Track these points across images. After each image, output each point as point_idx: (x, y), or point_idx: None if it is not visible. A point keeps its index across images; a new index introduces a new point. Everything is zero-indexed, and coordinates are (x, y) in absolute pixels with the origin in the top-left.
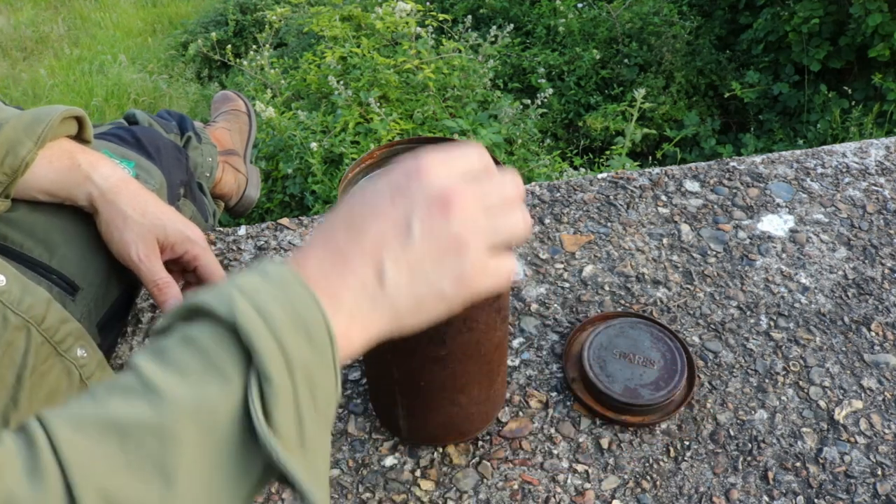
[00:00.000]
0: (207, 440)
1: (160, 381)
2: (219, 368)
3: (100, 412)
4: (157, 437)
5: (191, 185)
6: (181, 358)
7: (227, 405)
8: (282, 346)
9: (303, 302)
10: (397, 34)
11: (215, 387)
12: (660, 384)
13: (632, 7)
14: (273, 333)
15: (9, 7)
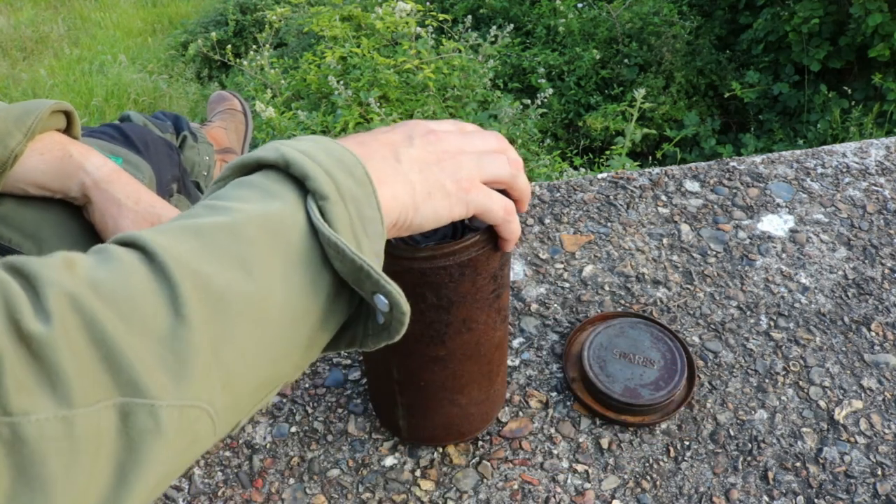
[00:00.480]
0: (277, 243)
1: (225, 204)
2: (277, 195)
3: (173, 224)
4: (230, 235)
5: (185, 181)
6: (240, 193)
7: (290, 218)
8: (330, 174)
9: (340, 151)
10: (397, 34)
11: (277, 204)
12: (660, 384)
13: (632, 7)
14: (320, 164)
15: (9, 7)
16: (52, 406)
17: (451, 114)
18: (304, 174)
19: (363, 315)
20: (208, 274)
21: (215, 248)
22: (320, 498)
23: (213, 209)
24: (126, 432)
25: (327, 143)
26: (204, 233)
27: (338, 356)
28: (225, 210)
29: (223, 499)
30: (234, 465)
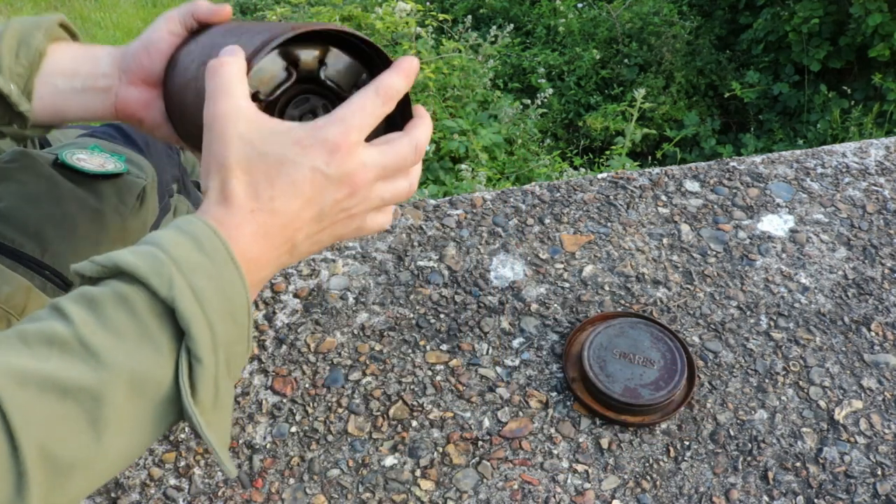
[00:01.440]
0: (137, 403)
1: (98, 345)
2: (154, 340)
3: (42, 369)
4: (93, 399)
5: (184, 181)
6: (117, 319)
7: (157, 375)
8: (213, 330)
9: (233, 286)
10: (397, 34)
11: (149, 357)
12: (660, 384)
13: (632, 7)
14: (207, 319)
15: (9, 7)
16: None
17: (452, 114)
18: (187, 331)
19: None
20: (55, 447)
21: (72, 414)
22: (320, 498)
23: (86, 350)
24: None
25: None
26: (67, 395)
27: (338, 356)
28: (97, 360)
29: (223, 499)
30: (234, 465)
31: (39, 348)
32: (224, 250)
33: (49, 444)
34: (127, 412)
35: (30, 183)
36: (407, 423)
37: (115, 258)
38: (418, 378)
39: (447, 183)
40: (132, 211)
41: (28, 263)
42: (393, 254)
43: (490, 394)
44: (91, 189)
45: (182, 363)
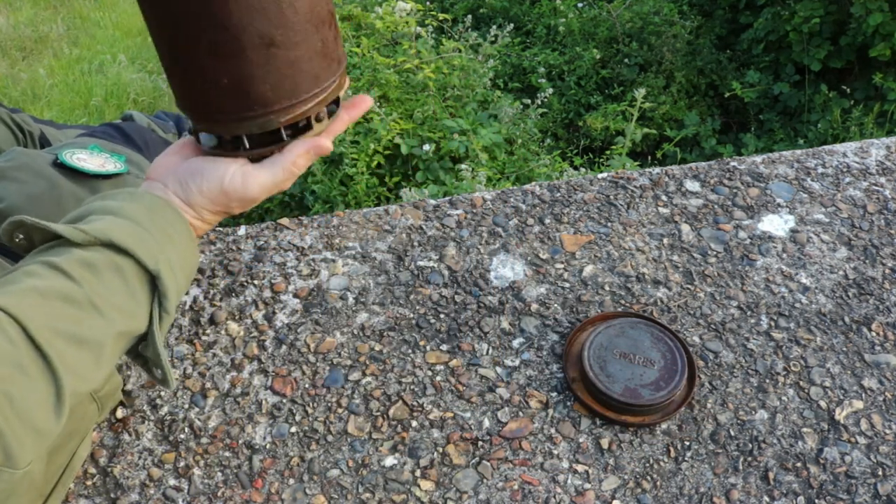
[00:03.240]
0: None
1: (102, 304)
2: (137, 298)
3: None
4: (99, 346)
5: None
6: (113, 282)
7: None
8: (179, 291)
9: (193, 259)
10: (397, 34)
11: (133, 309)
12: (660, 384)
13: (632, 7)
14: (178, 285)
15: (8, 7)
16: None
17: (452, 114)
18: (164, 293)
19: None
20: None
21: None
22: (320, 498)
23: (97, 310)
24: None
25: (190, 247)
26: (84, 345)
27: (338, 356)
28: (101, 314)
29: (223, 499)
30: (234, 466)
31: (59, 304)
32: (187, 233)
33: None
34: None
35: (29, 183)
36: (407, 424)
37: (108, 233)
38: (418, 378)
39: (447, 183)
40: None
41: None
42: (393, 254)
43: (490, 394)
44: (91, 189)
45: (156, 314)
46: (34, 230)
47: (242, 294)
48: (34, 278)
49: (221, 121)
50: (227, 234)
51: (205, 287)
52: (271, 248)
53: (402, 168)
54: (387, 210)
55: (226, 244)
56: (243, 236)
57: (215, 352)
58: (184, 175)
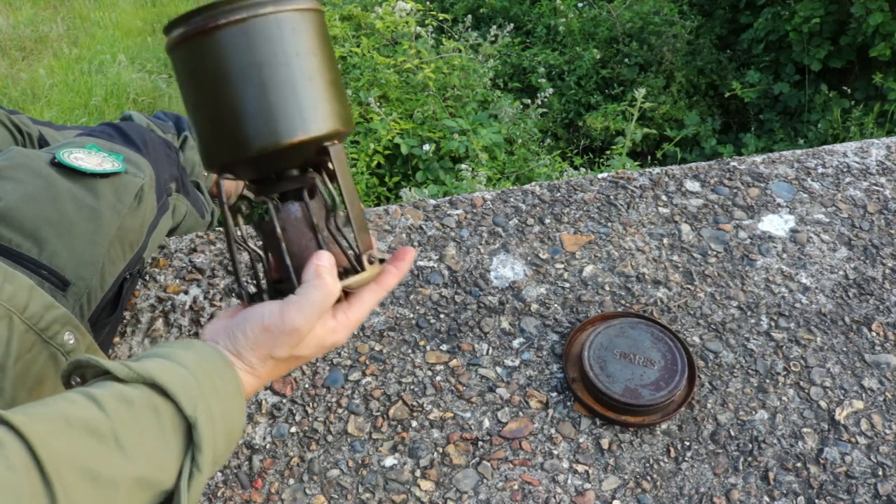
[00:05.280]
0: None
1: (127, 441)
2: (169, 446)
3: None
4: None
5: (183, 180)
6: (146, 421)
7: (164, 474)
8: (216, 449)
9: (239, 419)
10: (397, 34)
11: (162, 457)
12: (660, 384)
13: (632, 6)
14: (215, 441)
15: (8, 7)
16: None
17: (452, 114)
18: (199, 445)
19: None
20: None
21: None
22: (320, 498)
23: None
24: None
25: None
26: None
27: (338, 356)
28: (123, 452)
29: (223, 499)
30: (234, 466)
31: (81, 435)
32: (236, 385)
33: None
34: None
35: (27, 182)
36: (407, 424)
37: (151, 372)
38: (418, 378)
39: (447, 183)
40: (130, 209)
41: (25, 263)
42: (393, 254)
43: (490, 394)
44: (88, 188)
45: (185, 470)
46: (87, 368)
47: None
48: (67, 403)
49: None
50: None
51: (205, 287)
52: None
53: (402, 168)
54: (387, 210)
55: (226, 244)
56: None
57: None
58: (231, 327)
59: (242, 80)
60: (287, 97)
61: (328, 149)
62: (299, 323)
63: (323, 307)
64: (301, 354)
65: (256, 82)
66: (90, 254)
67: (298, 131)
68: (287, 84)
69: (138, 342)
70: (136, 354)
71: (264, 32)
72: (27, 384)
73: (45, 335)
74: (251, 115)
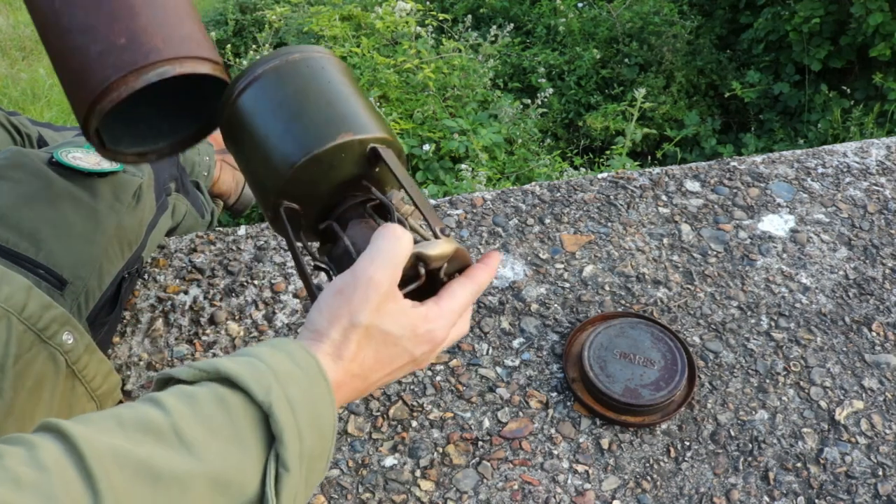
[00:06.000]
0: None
1: (192, 437)
2: (244, 443)
3: (138, 454)
4: (181, 489)
5: (183, 180)
6: (213, 416)
7: (243, 478)
8: (302, 441)
9: (324, 404)
10: (397, 34)
11: (238, 459)
12: (660, 384)
13: (632, 6)
14: (299, 430)
15: (8, 7)
16: None
17: (452, 114)
18: (279, 437)
19: None
20: None
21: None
22: (320, 498)
23: (180, 440)
24: None
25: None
26: (160, 482)
27: None
28: (188, 450)
29: None
30: None
31: (135, 434)
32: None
33: None
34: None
35: (24, 182)
36: (407, 424)
37: (217, 364)
38: (418, 378)
39: (447, 183)
40: (128, 208)
41: (23, 263)
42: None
43: (490, 394)
44: (86, 187)
45: (270, 469)
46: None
47: (242, 294)
48: (122, 408)
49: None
50: (227, 234)
51: (205, 287)
52: (271, 248)
53: None
54: None
55: (226, 244)
56: (243, 236)
57: (215, 352)
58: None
59: (283, 108)
60: (327, 111)
61: (378, 150)
62: (371, 272)
63: (395, 254)
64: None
65: (295, 107)
66: (88, 253)
67: (342, 132)
68: (326, 100)
69: (138, 342)
70: (135, 354)
71: (297, 70)
72: (26, 384)
73: (43, 335)
74: (295, 132)
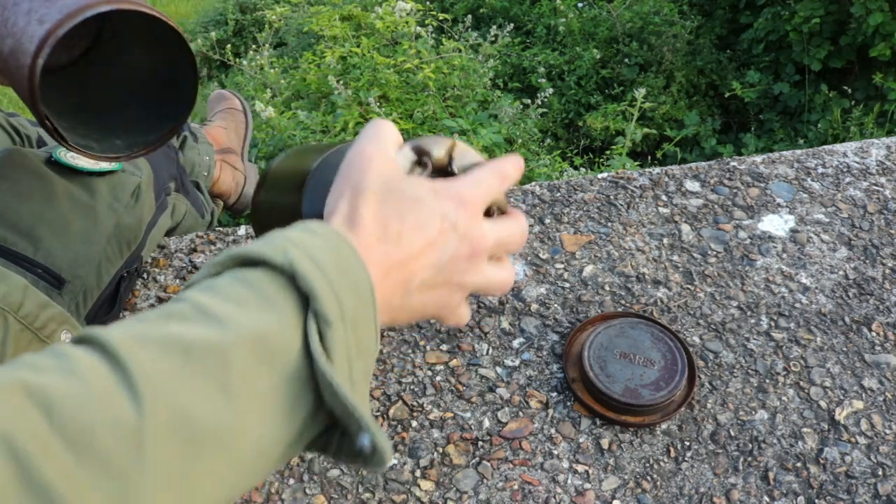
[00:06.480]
0: (264, 367)
1: (218, 309)
2: (276, 305)
3: (161, 331)
4: (218, 357)
5: (182, 180)
6: (237, 292)
7: (284, 339)
8: (338, 298)
9: (350, 260)
10: (397, 34)
11: (273, 321)
12: (660, 384)
13: (632, 6)
14: (329, 282)
15: None
16: None
17: (452, 114)
18: (310, 292)
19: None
20: (184, 407)
21: (200, 373)
22: (320, 498)
23: (206, 315)
24: None
25: (345, 249)
26: (192, 352)
27: None
28: (218, 321)
29: None
30: None
31: (155, 321)
32: (337, 235)
33: (178, 402)
34: (256, 379)
35: (22, 181)
36: (407, 424)
37: (228, 252)
38: (418, 378)
39: None
40: (127, 207)
41: (20, 262)
42: None
43: (490, 394)
44: (85, 186)
45: (311, 328)
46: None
47: None
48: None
49: None
50: (226, 234)
51: None
52: None
53: None
54: None
55: (226, 244)
56: (243, 236)
57: None
58: None
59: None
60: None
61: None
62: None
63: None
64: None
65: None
66: (86, 252)
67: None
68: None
69: None
70: None
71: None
72: None
73: (41, 334)
74: None
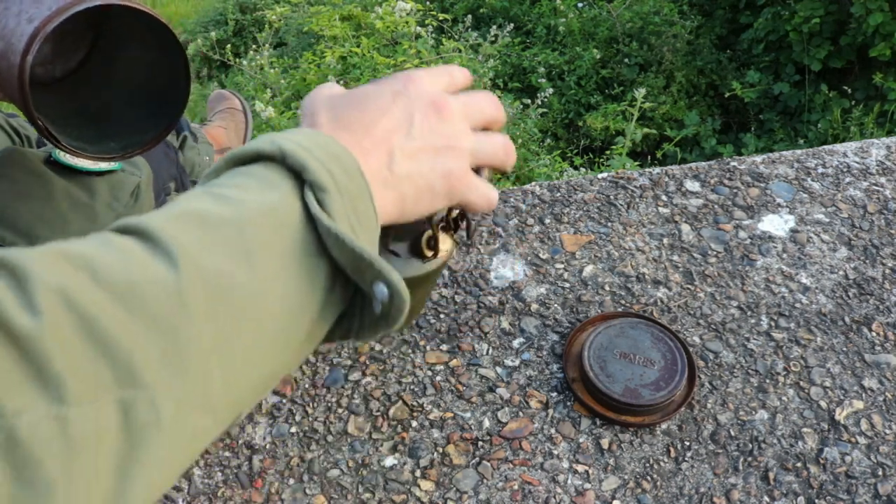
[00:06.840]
0: (276, 235)
1: (226, 192)
2: (274, 185)
3: (176, 210)
4: (235, 227)
5: (183, 180)
6: (238, 182)
7: (289, 208)
8: (326, 167)
9: (335, 147)
10: (397, 34)
11: (275, 195)
12: (660, 384)
13: (632, 6)
14: (317, 158)
15: None
16: (45, 405)
17: None
18: (301, 166)
19: (359, 305)
20: (214, 268)
21: (221, 241)
22: (320, 498)
23: (215, 197)
24: (126, 428)
25: (322, 137)
26: (210, 223)
27: (338, 356)
28: (227, 200)
29: (223, 499)
30: (234, 466)
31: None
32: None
33: (206, 264)
34: (272, 247)
35: (21, 180)
36: (407, 424)
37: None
38: (418, 378)
39: None
40: (126, 207)
41: None
42: None
43: (490, 394)
44: (84, 186)
45: (309, 196)
46: None
47: None
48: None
49: None
50: None
51: None
52: None
53: None
54: None
55: None
56: None
57: None
58: None
59: None
60: None
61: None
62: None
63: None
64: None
65: None
66: None
67: None
68: None
69: None
70: None
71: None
72: None
73: None
74: None
